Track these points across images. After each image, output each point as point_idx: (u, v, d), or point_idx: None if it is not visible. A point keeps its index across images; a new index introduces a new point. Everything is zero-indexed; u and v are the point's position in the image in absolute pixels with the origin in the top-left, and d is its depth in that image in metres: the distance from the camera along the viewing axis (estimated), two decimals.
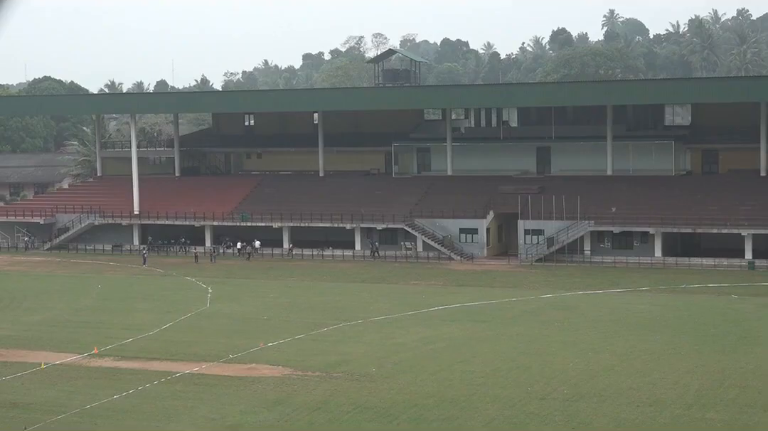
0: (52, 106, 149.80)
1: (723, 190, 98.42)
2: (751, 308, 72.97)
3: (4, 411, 49.59)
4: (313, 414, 47.97)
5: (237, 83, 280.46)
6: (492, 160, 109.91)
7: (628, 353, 59.00)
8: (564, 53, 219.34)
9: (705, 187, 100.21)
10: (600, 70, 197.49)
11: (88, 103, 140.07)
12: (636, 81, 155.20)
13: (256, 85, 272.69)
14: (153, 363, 58.87)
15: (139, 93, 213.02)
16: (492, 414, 47.39)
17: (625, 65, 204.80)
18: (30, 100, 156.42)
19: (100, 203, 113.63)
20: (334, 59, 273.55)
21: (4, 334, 68.00)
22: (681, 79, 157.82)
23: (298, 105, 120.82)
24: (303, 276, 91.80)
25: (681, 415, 46.71)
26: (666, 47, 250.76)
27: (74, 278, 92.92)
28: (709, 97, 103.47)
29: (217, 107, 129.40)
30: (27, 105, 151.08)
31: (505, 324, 68.49)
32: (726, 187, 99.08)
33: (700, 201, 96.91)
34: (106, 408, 49.79)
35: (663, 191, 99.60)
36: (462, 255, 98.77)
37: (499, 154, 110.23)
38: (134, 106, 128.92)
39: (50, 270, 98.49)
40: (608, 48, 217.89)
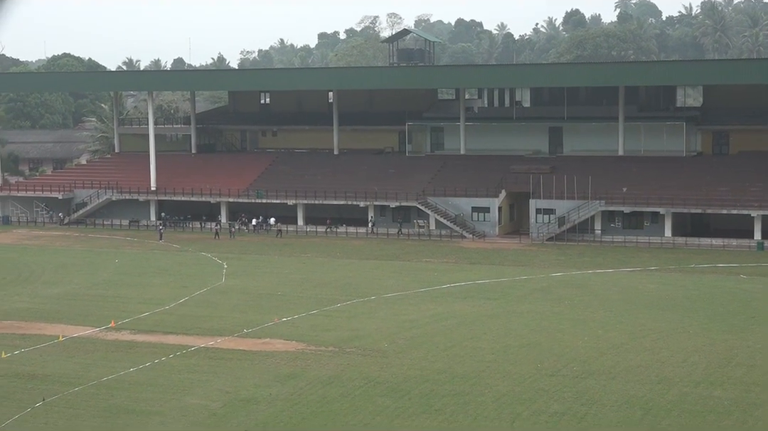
0: (71, 83, 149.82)
1: (733, 171, 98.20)
2: (759, 288, 72.90)
3: (23, 382, 49.91)
4: (326, 389, 48.14)
5: (253, 62, 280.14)
6: (504, 139, 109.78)
7: (638, 331, 59.02)
8: (577, 34, 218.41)
9: (715, 168, 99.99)
10: (612, 52, 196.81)
11: (106, 80, 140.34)
12: (648, 62, 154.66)
13: (272, 63, 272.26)
14: (169, 336, 59.13)
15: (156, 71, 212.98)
16: (502, 390, 47.50)
17: (638, 47, 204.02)
18: (49, 76, 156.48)
19: (117, 179, 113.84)
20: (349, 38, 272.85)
21: (23, 307, 68.34)
22: (693, 61, 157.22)
23: (313, 83, 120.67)
24: (317, 252, 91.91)
25: (689, 393, 46.77)
26: (678, 29, 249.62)
27: (92, 252, 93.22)
28: (721, 78, 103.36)
29: (234, 85, 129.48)
30: (46, 81, 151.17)
31: (516, 302, 68.54)
32: (736, 168, 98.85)
33: (710, 182, 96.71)
34: (123, 381, 50.05)
35: (673, 172, 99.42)
36: (474, 233, 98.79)
37: (512, 133, 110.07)
38: (151, 83, 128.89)
39: (68, 244, 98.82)
40: (621, 29, 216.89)
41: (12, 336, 59.46)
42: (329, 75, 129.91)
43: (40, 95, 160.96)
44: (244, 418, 44.08)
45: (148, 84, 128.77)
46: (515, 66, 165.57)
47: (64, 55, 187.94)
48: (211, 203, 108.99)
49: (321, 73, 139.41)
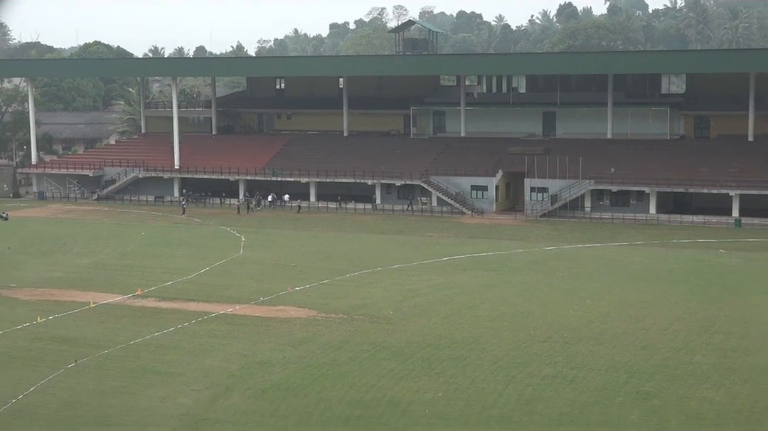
0: (101, 69, 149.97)
1: (713, 153, 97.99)
2: (737, 262, 72.89)
3: (57, 345, 50.14)
4: (336, 352, 48.29)
5: (269, 50, 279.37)
6: (502, 123, 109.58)
7: (624, 301, 59.09)
8: (569, 26, 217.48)
9: (697, 150, 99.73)
10: (602, 42, 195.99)
11: (134, 67, 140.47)
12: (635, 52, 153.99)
13: (287, 51, 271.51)
14: (191, 304, 59.30)
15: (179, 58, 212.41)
16: (498, 354, 47.63)
17: (626, 37, 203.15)
18: (81, 62, 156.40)
19: (143, 158, 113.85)
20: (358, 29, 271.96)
21: (57, 276, 68.53)
22: (677, 51, 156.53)
23: (324, 70, 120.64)
24: (327, 227, 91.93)
25: (670, 358, 46.87)
26: (664, 21, 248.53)
27: (120, 226, 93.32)
28: (703, 67, 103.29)
29: (251, 71, 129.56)
30: (78, 67, 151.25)
31: (511, 274, 68.60)
32: (716, 151, 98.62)
33: (691, 163, 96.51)
34: (149, 344, 50.26)
35: (658, 154, 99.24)
36: (473, 210, 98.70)
37: (509, 117, 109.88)
38: (175, 69, 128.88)
39: (98, 218, 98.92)
40: (610, 21, 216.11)
41: (47, 303, 59.69)
42: (340, 62, 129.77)
43: (72, 80, 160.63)
44: (260, 379, 44.26)
45: (172, 70, 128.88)
46: (512, 55, 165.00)
47: (95, 42, 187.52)
48: (230, 181, 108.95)
49: (332, 61, 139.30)
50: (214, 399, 41.75)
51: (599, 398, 41.26)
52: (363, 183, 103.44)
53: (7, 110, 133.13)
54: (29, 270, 70.51)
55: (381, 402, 40.92)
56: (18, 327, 53.65)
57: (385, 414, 39.55)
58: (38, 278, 67.73)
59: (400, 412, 39.78)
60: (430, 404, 40.67)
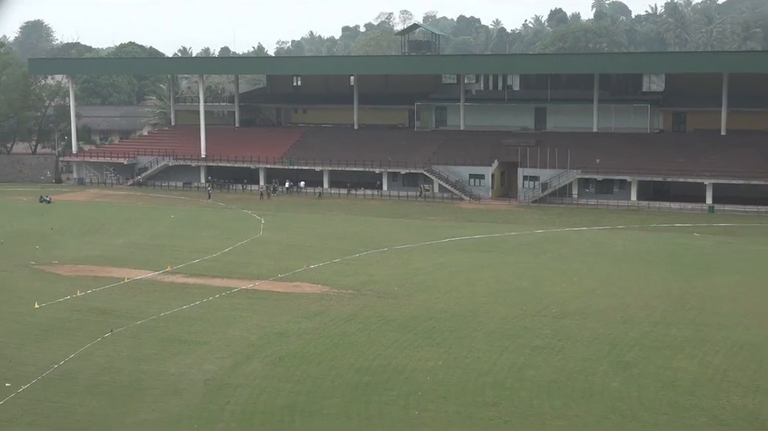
0: (135, 67, 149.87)
1: (689, 146, 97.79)
2: (710, 244, 72.82)
3: (95, 316, 50.29)
4: (346, 324, 48.37)
5: (287, 50, 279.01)
6: (497, 117, 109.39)
7: (606, 279, 59.08)
8: (559, 29, 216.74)
9: (674, 143, 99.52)
10: (589, 44, 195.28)
11: (164, 65, 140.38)
12: (619, 54, 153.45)
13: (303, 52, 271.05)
14: (215, 280, 59.41)
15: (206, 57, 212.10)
16: (492, 327, 47.67)
17: (611, 40, 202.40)
18: (117, 61, 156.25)
19: (173, 148, 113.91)
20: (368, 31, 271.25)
21: (95, 254, 68.68)
22: (657, 53, 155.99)
23: (337, 69, 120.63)
24: (339, 211, 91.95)
25: (649, 331, 46.88)
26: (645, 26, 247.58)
27: (151, 209, 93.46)
28: (680, 68, 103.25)
29: (271, 70, 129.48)
30: (114, 66, 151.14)
31: (505, 254, 68.60)
32: (692, 144, 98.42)
33: (669, 155, 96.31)
34: (177, 316, 50.38)
35: (639, 146, 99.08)
36: (471, 196, 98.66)
37: (504, 112, 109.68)
38: (202, 68, 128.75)
39: (132, 202, 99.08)
40: (597, 26, 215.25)
41: (86, 278, 59.85)
42: (351, 62, 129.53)
43: (109, 77, 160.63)
44: (277, 348, 44.36)
45: (199, 68, 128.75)
46: (507, 56, 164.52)
47: (130, 43, 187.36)
48: (251, 168, 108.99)
49: (344, 61, 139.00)
50: (235, 365, 41.85)
51: (584, 367, 41.28)
52: (371, 171, 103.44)
53: (50, 104, 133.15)
54: (70, 249, 70.68)
55: (387, 370, 40.99)
56: (60, 299, 53.84)
57: (391, 380, 39.63)
58: (78, 256, 67.89)
59: (404, 379, 39.86)
60: (432, 371, 40.74)
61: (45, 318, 49.83)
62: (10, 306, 52.39)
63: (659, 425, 34.80)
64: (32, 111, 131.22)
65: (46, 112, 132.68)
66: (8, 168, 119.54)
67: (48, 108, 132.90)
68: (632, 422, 35.09)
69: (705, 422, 35.12)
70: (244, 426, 34.98)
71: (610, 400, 37.33)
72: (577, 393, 38.13)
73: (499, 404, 36.94)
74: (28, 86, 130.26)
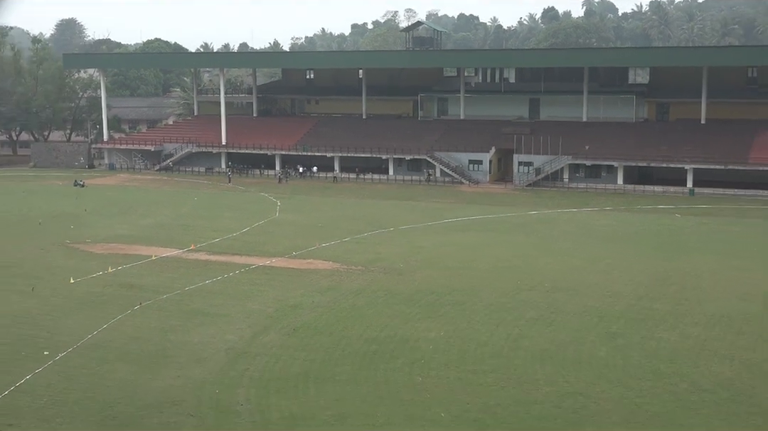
0: (161, 62, 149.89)
1: (671, 134, 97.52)
2: (690, 224, 72.71)
3: (125, 290, 50.42)
4: (355, 298, 48.43)
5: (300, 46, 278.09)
6: (495, 107, 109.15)
7: (594, 257, 59.04)
8: (552, 26, 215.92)
9: (658, 131, 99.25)
10: (579, 40, 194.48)
11: (188, 60, 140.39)
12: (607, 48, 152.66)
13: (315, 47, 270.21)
14: (235, 257, 59.48)
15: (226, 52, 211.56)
16: (490, 300, 47.70)
17: (599, 36, 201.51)
18: (144, 56, 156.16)
19: (196, 136, 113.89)
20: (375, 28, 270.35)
21: (125, 233, 68.81)
22: (642, 48, 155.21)
23: (347, 63, 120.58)
24: (349, 194, 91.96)
25: (633, 305, 46.88)
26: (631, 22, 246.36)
27: (176, 192, 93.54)
28: (664, 62, 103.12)
29: (286, 64, 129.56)
30: (142, 60, 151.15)
31: (502, 234, 68.58)
32: (674, 132, 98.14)
33: (653, 142, 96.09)
34: (200, 290, 50.48)
35: (625, 134, 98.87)
36: (470, 180, 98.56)
37: (500, 103, 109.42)
38: (222, 62, 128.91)
39: (158, 186, 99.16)
40: (586, 23, 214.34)
41: (116, 256, 59.97)
42: (360, 56, 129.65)
43: (137, 71, 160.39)
44: (292, 319, 44.44)
45: (219, 62, 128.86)
46: (504, 51, 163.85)
47: (156, 39, 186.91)
48: (267, 155, 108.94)
49: (353, 55, 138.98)
50: (254, 336, 41.95)
51: (574, 337, 41.31)
52: (378, 157, 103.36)
53: (83, 96, 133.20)
54: (101, 229, 70.79)
55: (393, 340, 41.06)
56: (93, 275, 53.97)
57: (396, 350, 39.69)
58: (109, 235, 68.01)
59: (409, 348, 39.92)
60: (434, 341, 40.79)
61: (79, 293, 49.98)
62: (47, 282, 52.56)
63: (643, 391, 34.84)
64: (67, 102, 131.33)
65: (79, 103, 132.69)
66: (45, 154, 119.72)
67: (81, 99, 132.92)
68: (618, 388, 35.14)
69: (685, 388, 35.15)
70: (261, 391, 35.10)
71: (597, 368, 37.36)
72: (567, 361, 38.17)
73: (496, 371, 37.00)
74: (63, 79, 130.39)
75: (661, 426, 31.62)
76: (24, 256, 59.85)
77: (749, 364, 37.75)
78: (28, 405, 33.86)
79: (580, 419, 32.22)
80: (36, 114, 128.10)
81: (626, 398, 34.13)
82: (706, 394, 34.48)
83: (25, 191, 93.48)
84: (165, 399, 34.14)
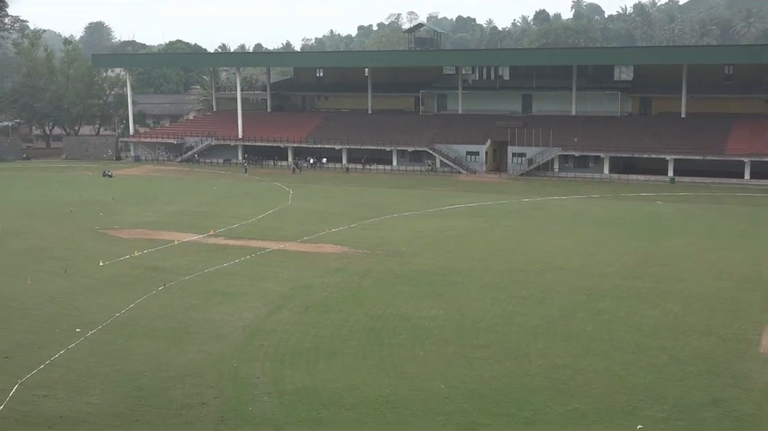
0: (182, 61, 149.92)
1: (653, 127, 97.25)
2: (671, 210, 72.58)
3: (150, 272, 50.52)
4: (362, 279, 48.48)
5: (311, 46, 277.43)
6: (490, 102, 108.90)
7: (582, 240, 58.99)
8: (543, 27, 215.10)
9: (641, 124, 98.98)
10: (569, 40, 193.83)
11: (207, 59, 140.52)
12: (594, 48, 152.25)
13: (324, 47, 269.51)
14: (251, 241, 59.53)
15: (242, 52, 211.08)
16: (485, 280, 47.72)
17: (587, 37, 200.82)
18: (167, 56, 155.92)
19: (214, 129, 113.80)
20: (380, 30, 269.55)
21: (150, 220, 68.90)
22: (626, 47, 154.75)
23: (354, 62, 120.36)
24: (356, 184, 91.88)
25: (618, 284, 46.87)
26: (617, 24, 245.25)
27: (197, 182, 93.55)
28: (646, 60, 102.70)
29: (297, 63, 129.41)
30: (164, 60, 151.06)
31: (496, 219, 68.52)
32: (656, 125, 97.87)
33: (637, 134, 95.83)
34: (219, 271, 50.56)
35: (611, 127, 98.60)
36: (467, 170, 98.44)
37: (495, 98, 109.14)
38: (239, 61, 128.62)
39: (180, 176, 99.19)
40: (575, 24, 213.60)
41: (142, 240, 60.06)
42: (365, 56, 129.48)
43: (160, 70, 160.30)
44: (304, 298, 44.51)
45: (236, 62, 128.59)
46: (498, 50, 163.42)
47: (177, 40, 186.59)
48: (280, 147, 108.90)
49: (359, 55, 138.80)
50: (269, 313, 42.03)
51: (563, 314, 41.33)
52: (383, 149, 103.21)
53: (111, 93, 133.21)
54: (128, 216, 70.90)
55: (396, 317, 41.11)
56: (120, 258, 54.07)
57: (399, 326, 39.75)
58: (135, 221, 68.12)
59: (410, 325, 39.97)
60: (434, 319, 40.84)
61: (108, 274, 50.10)
62: (79, 264, 52.68)
63: (627, 363, 34.87)
64: (96, 99, 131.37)
65: (107, 100, 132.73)
66: (76, 147, 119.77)
67: (109, 96, 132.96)
68: (604, 360, 35.18)
69: (665, 360, 35.17)
70: (276, 365, 35.19)
71: (585, 341, 37.39)
72: (557, 336, 38.20)
73: (492, 346, 37.04)
74: (92, 78, 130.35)
75: (644, 395, 31.67)
76: (57, 241, 59.99)
77: (724, 338, 37.77)
78: (62, 378, 34.01)
79: (569, 389, 32.27)
80: (67, 110, 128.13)
81: (611, 370, 34.17)
82: (685, 366, 34.50)
83: (58, 181, 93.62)
84: (187, 372, 34.25)
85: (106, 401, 31.73)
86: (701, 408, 30.55)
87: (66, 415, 30.59)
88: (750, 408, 30.59)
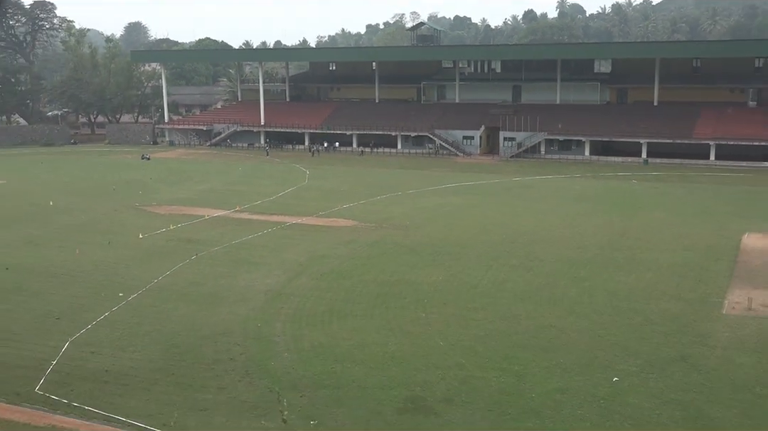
0: (210, 56, 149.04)
1: (629, 114, 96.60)
2: (644, 188, 72.29)
3: (183, 243, 50.65)
4: (371, 249, 48.51)
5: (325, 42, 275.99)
6: (484, 93, 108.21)
7: (566, 215, 58.85)
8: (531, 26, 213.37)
9: (618, 112, 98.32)
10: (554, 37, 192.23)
11: (232, 55, 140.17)
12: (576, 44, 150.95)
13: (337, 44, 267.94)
14: (273, 216, 59.57)
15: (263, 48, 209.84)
16: (481, 251, 47.69)
17: (570, 34, 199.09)
18: (197, 52, 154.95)
19: (240, 117, 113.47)
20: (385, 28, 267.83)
21: (183, 197, 68.96)
22: (605, 43, 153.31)
23: (363, 57, 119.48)
24: (365, 164, 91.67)
25: (598, 254, 46.80)
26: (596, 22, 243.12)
27: (224, 164, 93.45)
28: (623, 54, 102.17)
29: (313, 58, 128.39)
30: (195, 55, 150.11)
31: (490, 196, 68.37)
32: (631, 113, 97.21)
33: (614, 120, 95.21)
34: (245, 243, 50.65)
35: (591, 114, 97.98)
36: (464, 152, 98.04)
37: (489, 89, 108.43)
38: (261, 56, 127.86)
39: (209, 159, 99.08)
40: (559, 22, 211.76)
41: (177, 215, 60.17)
42: (373, 51, 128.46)
43: (191, 64, 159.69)
44: (320, 266, 44.58)
45: (258, 57, 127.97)
46: (491, 46, 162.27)
47: (206, 38, 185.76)
48: (298, 133, 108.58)
49: (368, 51, 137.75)
50: (289, 280, 42.11)
51: (548, 281, 41.32)
52: (389, 134, 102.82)
53: (148, 85, 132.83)
54: (164, 194, 70.97)
55: (401, 283, 41.16)
56: (158, 231, 54.19)
57: (404, 291, 39.81)
58: (170, 198, 68.18)
59: (413, 290, 40.03)
60: (435, 284, 40.87)
61: (147, 246, 50.25)
62: (121, 237, 52.82)
63: (605, 323, 34.89)
64: (134, 90, 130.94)
65: (144, 91, 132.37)
66: (117, 133, 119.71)
67: (146, 88, 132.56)
68: (584, 321, 35.20)
69: (639, 321, 35.17)
70: (295, 325, 35.31)
71: (568, 305, 37.40)
72: (543, 300, 38.22)
73: (486, 308, 37.08)
74: (131, 72, 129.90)
75: (620, 352, 31.69)
76: (101, 216, 60.11)
77: (691, 302, 37.73)
78: (107, 337, 34.19)
79: (554, 347, 32.32)
80: (109, 100, 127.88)
81: (591, 329, 34.19)
82: (656, 326, 34.51)
83: (102, 163, 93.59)
84: (218, 331, 34.40)
85: (146, 357, 31.91)
86: (670, 362, 30.60)
87: (110, 369, 30.78)
88: (713, 363, 30.62)
